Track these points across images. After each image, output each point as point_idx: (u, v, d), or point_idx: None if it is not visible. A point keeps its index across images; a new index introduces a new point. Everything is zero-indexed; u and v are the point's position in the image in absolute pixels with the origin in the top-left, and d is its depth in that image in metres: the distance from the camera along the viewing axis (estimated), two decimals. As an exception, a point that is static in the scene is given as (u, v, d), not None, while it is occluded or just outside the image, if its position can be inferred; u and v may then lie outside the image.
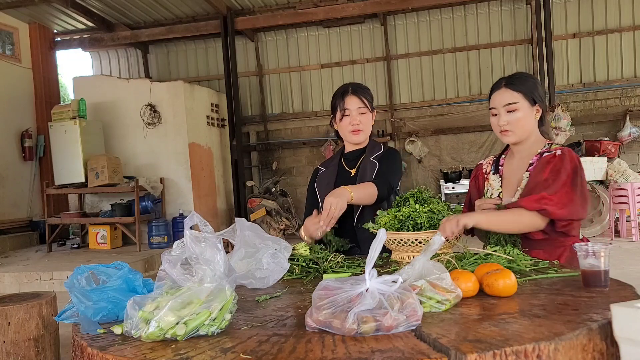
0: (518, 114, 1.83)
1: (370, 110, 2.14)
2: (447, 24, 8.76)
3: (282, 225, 7.78)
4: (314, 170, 2.37)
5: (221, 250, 1.10)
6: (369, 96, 2.15)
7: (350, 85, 2.17)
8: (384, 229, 1.12)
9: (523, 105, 1.83)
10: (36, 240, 7.92)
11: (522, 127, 1.84)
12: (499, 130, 1.88)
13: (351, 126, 2.12)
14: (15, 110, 7.89)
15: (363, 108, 2.11)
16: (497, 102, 1.86)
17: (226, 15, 8.20)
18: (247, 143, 9.21)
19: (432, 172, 8.85)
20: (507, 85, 1.85)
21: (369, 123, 2.15)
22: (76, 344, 1.08)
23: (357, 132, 2.13)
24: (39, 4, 7.65)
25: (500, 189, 1.93)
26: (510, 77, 1.90)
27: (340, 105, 2.13)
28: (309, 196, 2.31)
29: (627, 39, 8.23)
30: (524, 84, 1.84)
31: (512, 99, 1.83)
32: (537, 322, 1.00)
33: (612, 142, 7.76)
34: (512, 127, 1.84)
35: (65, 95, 12.99)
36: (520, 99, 1.82)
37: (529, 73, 1.96)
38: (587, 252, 1.27)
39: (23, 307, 2.50)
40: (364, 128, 2.13)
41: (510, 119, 1.84)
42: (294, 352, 0.90)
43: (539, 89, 1.87)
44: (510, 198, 1.86)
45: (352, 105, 2.11)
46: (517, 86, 1.83)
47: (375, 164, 2.13)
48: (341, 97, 2.14)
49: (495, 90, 1.89)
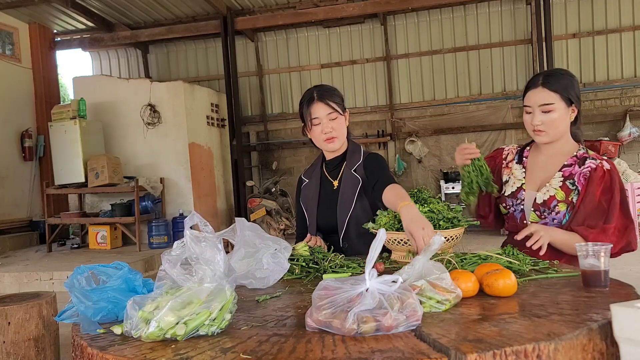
0: (553, 115, 1.78)
1: (341, 113, 2.00)
2: (447, 24, 8.75)
3: (282, 225, 7.78)
4: (298, 180, 2.28)
5: (221, 250, 1.11)
6: (337, 98, 2.01)
7: (316, 90, 2.03)
8: (384, 229, 1.12)
9: (559, 106, 1.77)
10: (36, 240, 7.92)
11: (556, 128, 1.79)
12: (532, 129, 1.83)
13: (324, 135, 1.99)
14: (15, 110, 7.89)
15: (333, 113, 1.97)
16: (533, 101, 1.80)
17: (226, 15, 8.20)
18: (247, 143, 9.20)
19: (432, 172, 8.85)
20: (545, 84, 1.78)
21: (341, 127, 2.02)
22: (76, 344, 1.08)
23: (331, 140, 2.00)
24: (39, 4, 7.64)
25: (524, 180, 1.92)
26: (548, 74, 1.82)
27: (307, 114, 1.99)
28: (298, 210, 2.25)
29: (627, 39, 8.22)
30: (561, 83, 1.78)
31: (548, 99, 1.77)
32: (537, 322, 1.00)
33: (612, 142, 7.76)
34: (546, 127, 1.79)
35: (65, 95, 12.99)
36: (557, 100, 1.77)
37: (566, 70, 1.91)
38: (587, 252, 1.27)
39: (23, 307, 2.50)
40: (338, 134, 2.00)
41: (545, 120, 1.78)
42: (294, 352, 0.90)
43: (575, 88, 1.80)
44: (533, 191, 1.86)
45: (320, 112, 1.97)
46: (554, 85, 1.77)
47: (357, 179, 2.04)
48: (307, 105, 2.00)
49: (532, 87, 1.82)
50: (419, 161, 8.83)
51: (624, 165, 7.14)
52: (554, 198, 1.80)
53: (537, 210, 1.84)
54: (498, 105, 8.46)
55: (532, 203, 1.85)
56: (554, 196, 1.81)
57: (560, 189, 1.81)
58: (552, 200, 1.81)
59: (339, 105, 2.01)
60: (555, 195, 1.81)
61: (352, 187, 2.03)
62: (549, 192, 1.82)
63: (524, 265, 1.46)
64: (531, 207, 1.85)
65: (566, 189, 1.80)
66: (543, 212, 1.82)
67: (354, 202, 2.02)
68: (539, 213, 1.84)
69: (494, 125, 8.46)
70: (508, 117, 8.39)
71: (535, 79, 1.84)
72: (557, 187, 1.81)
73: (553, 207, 1.80)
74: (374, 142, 8.89)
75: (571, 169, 1.82)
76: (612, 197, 1.72)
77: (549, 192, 1.82)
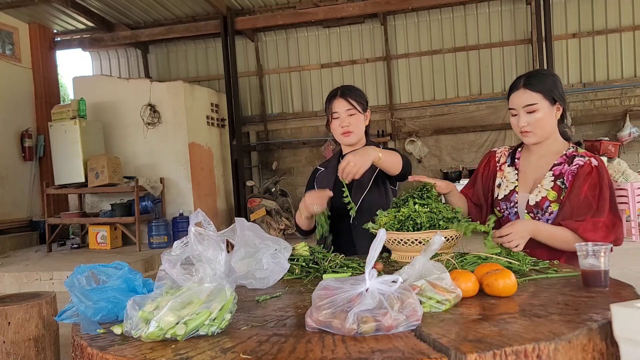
0: (538, 115, 1.78)
1: (360, 112, 2.16)
2: (447, 24, 8.76)
3: (282, 225, 7.78)
4: (313, 170, 2.39)
5: (223, 250, 1.11)
6: (358, 97, 2.17)
7: (340, 88, 2.20)
8: (383, 229, 1.12)
9: (543, 106, 1.78)
10: (36, 240, 7.92)
11: (542, 128, 1.80)
12: (519, 131, 1.84)
13: (341, 128, 2.15)
14: (15, 110, 7.89)
15: (351, 110, 2.13)
16: (516, 103, 1.82)
17: (226, 15, 8.20)
18: (247, 143, 9.20)
19: (432, 172, 8.85)
20: (526, 85, 1.79)
21: (359, 124, 2.17)
22: (76, 344, 1.08)
23: (347, 134, 2.15)
24: (39, 4, 7.64)
25: (517, 182, 1.92)
26: (529, 76, 1.83)
27: (329, 108, 2.18)
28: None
29: (627, 39, 8.23)
30: (543, 83, 1.79)
31: (531, 99, 1.78)
32: (537, 322, 1.00)
33: (612, 142, 7.76)
34: (532, 127, 1.80)
35: (65, 95, 12.99)
36: (540, 100, 1.77)
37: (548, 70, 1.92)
38: (587, 252, 1.27)
39: (23, 307, 2.50)
40: (354, 129, 2.15)
41: (530, 120, 1.79)
42: (294, 352, 0.90)
43: (558, 87, 1.81)
44: (526, 193, 1.86)
45: (340, 108, 2.14)
46: (535, 86, 1.78)
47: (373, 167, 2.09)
48: (330, 101, 2.18)
49: (514, 90, 1.84)
50: (419, 161, 8.83)
51: (624, 165, 7.14)
52: (546, 199, 1.81)
53: (530, 212, 1.84)
54: (498, 105, 8.46)
55: (526, 205, 1.85)
56: (546, 197, 1.81)
57: (551, 189, 1.81)
58: (545, 201, 1.81)
59: (360, 104, 2.16)
60: (547, 196, 1.81)
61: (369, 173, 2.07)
62: (540, 193, 1.83)
63: (524, 265, 1.46)
64: (524, 210, 1.85)
65: (557, 189, 1.81)
66: (537, 213, 1.83)
67: (370, 184, 2.14)
68: (532, 215, 1.84)
69: (493, 125, 8.46)
70: (508, 117, 8.27)
71: (517, 82, 1.85)
72: (549, 188, 1.82)
73: (546, 208, 1.81)
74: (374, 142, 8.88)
75: (561, 168, 1.82)
76: (600, 192, 1.72)
77: (541, 193, 1.83)
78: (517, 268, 1.43)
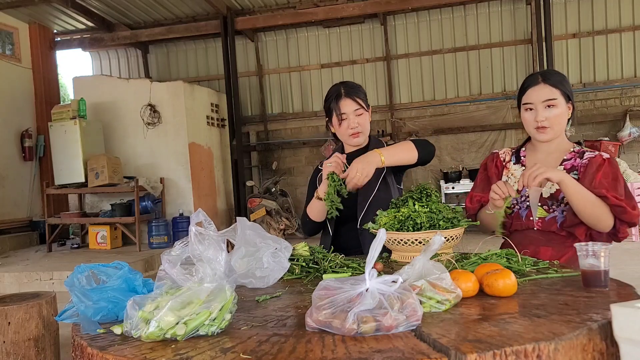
0: (556, 110, 1.80)
1: (366, 110, 2.09)
2: (447, 24, 8.75)
3: (282, 225, 7.78)
4: (315, 169, 2.32)
5: (224, 250, 1.11)
6: (362, 94, 2.09)
7: (342, 86, 2.10)
8: (384, 229, 1.12)
9: (561, 102, 1.80)
10: (36, 240, 7.92)
11: (559, 124, 1.82)
12: (535, 126, 1.83)
13: (350, 130, 2.07)
14: (15, 110, 7.89)
15: (359, 109, 2.06)
16: (535, 98, 1.82)
17: (226, 15, 8.20)
18: (247, 143, 9.20)
19: (432, 172, 8.84)
20: (545, 80, 1.81)
21: (366, 123, 2.11)
22: (76, 344, 1.08)
23: (357, 135, 2.09)
24: (39, 4, 7.65)
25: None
26: (545, 72, 1.86)
27: (336, 109, 2.06)
28: (309, 194, 2.28)
29: (627, 39, 8.22)
30: (560, 81, 1.82)
31: (551, 94, 1.79)
32: (537, 322, 0.99)
33: (612, 142, 7.76)
34: (550, 123, 1.80)
35: (65, 95, 12.99)
36: (559, 95, 1.79)
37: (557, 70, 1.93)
38: (587, 252, 1.27)
39: (23, 307, 2.50)
40: (363, 129, 2.09)
41: (549, 115, 1.80)
42: (294, 352, 0.90)
43: (569, 87, 1.84)
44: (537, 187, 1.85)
45: (348, 108, 2.05)
46: (555, 82, 1.80)
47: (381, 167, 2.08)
48: (335, 100, 2.07)
49: (532, 85, 1.84)
50: (419, 161, 8.82)
51: (624, 165, 7.14)
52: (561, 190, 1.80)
53: (544, 205, 1.84)
54: (498, 105, 8.46)
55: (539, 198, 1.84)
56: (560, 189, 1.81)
57: None
58: (560, 192, 1.80)
59: (364, 101, 2.09)
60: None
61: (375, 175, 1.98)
62: (554, 185, 1.82)
63: (524, 265, 1.46)
64: (538, 203, 1.84)
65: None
66: (551, 205, 1.83)
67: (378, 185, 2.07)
68: (546, 207, 1.84)
69: (494, 125, 8.46)
70: (508, 117, 8.39)
71: (533, 77, 1.86)
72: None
73: (561, 199, 1.81)
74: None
75: (572, 162, 1.84)
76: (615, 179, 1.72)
77: (555, 185, 1.82)
78: (517, 268, 1.43)
